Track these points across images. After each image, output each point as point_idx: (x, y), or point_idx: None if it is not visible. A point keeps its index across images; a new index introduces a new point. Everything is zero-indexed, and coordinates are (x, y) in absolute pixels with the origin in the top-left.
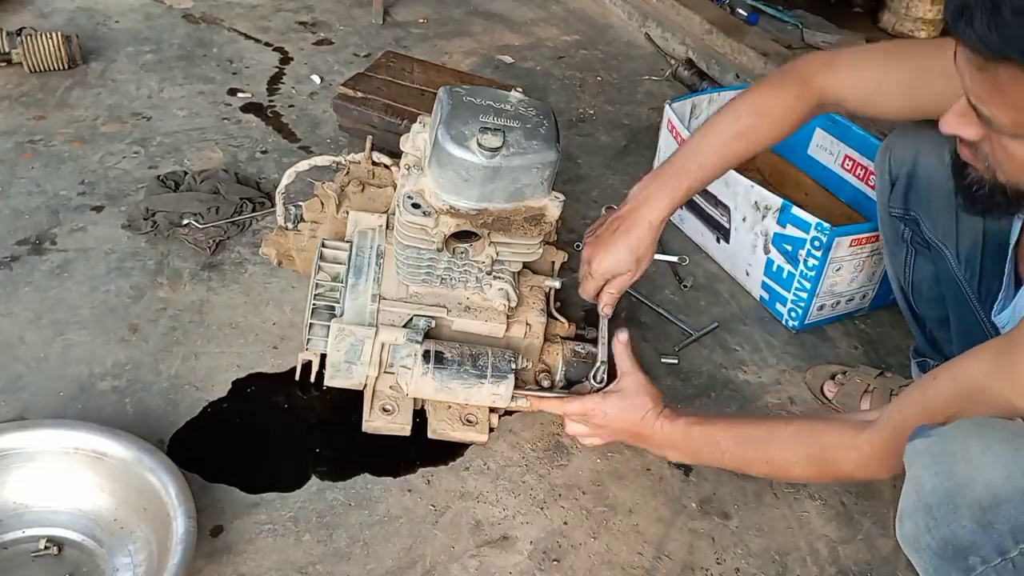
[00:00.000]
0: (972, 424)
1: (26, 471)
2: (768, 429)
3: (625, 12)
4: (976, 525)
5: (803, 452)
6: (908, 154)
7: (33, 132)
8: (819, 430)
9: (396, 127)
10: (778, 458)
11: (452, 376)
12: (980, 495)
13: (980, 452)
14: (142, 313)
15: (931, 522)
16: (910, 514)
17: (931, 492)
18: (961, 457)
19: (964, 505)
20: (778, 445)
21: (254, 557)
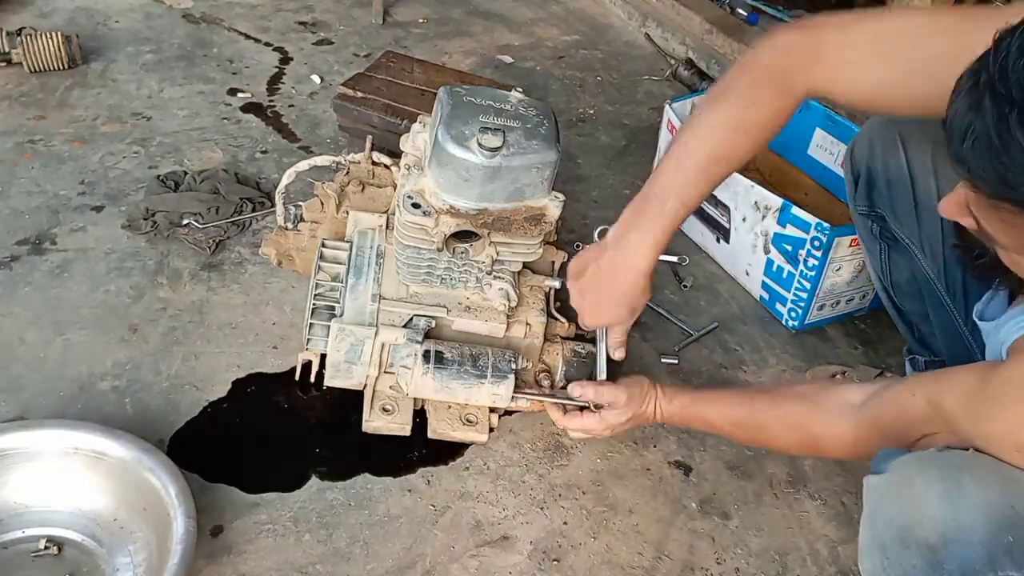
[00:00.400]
0: (916, 461)
1: (26, 471)
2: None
3: (625, 12)
4: (927, 565)
5: (796, 439)
6: (865, 151)
7: (33, 132)
8: (809, 422)
9: (396, 127)
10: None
11: (452, 376)
12: (928, 535)
13: (925, 489)
14: (142, 313)
15: (885, 561)
16: (867, 551)
17: (884, 530)
18: (908, 495)
19: (914, 545)
20: (773, 432)
21: (254, 557)
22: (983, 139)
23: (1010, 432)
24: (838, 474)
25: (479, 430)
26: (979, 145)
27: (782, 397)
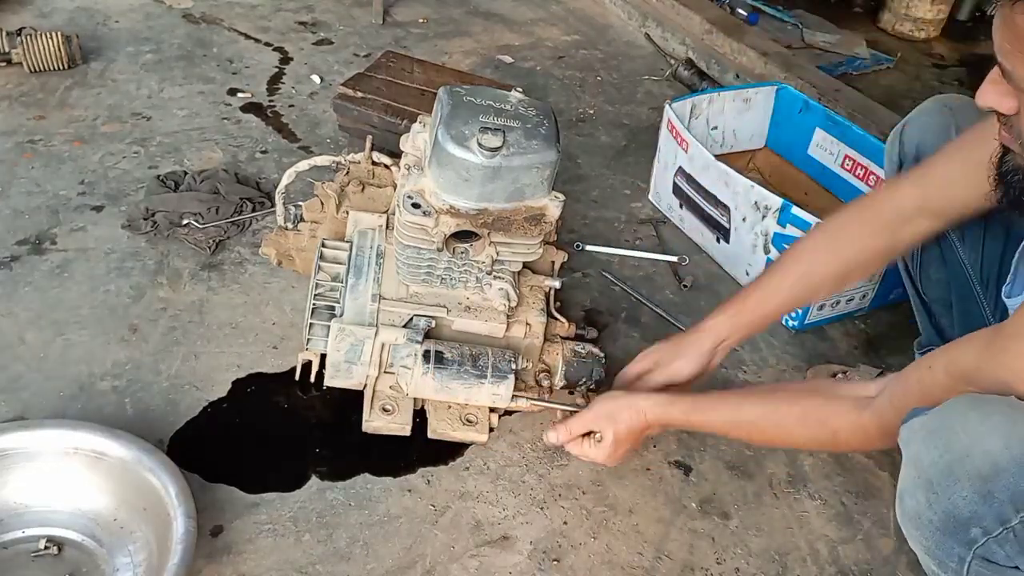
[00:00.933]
0: (968, 398)
1: (26, 471)
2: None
3: (625, 12)
4: (976, 495)
5: (810, 435)
6: (917, 136)
7: (33, 132)
8: (826, 414)
9: (396, 127)
10: (785, 437)
11: (452, 376)
12: (979, 465)
13: (978, 423)
14: (142, 313)
15: (932, 496)
16: (910, 491)
17: (930, 466)
18: (960, 429)
19: (964, 476)
20: (785, 431)
21: (254, 557)
22: None
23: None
24: (838, 474)
25: (479, 430)
26: None
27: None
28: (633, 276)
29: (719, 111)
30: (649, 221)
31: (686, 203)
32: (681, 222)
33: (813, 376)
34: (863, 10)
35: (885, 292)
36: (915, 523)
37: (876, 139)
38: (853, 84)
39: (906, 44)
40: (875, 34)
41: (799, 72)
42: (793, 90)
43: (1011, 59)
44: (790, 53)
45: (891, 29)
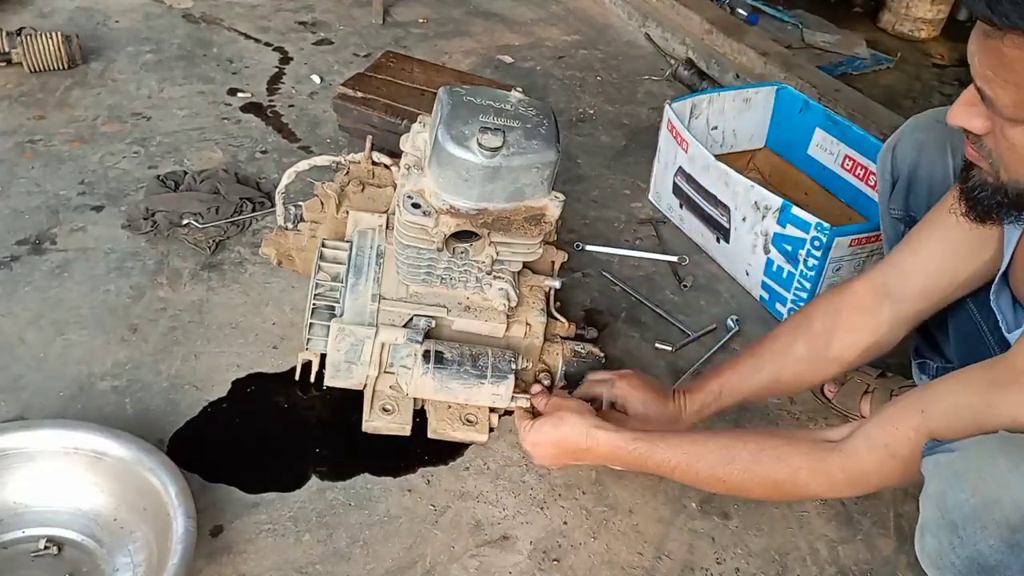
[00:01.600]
0: (998, 440)
1: (26, 471)
2: (726, 447)
3: (625, 12)
4: (1004, 545)
5: (767, 475)
6: (911, 155)
7: (33, 132)
8: (785, 452)
9: (396, 127)
10: (738, 479)
11: (452, 376)
12: (1008, 513)
13: (1008, 469)
14: (142, 313)
15: (956, 540)
16: (933, 531)
17: (955, 509)
18: (988, 474)
19: (991, 523)
20: (739, 466)
21: (254, 557)
22: None
23: None
24: None
25: (479, 430)
26: None
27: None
28: (633, 276)
29: (719, 111)
30: (649, 221)
31: (686, 203)
32: (681, 222)
33: None
34: (863, 10)
35: None
36: (935, 564)
37: (876, 139)
38: (853, 84)
39: (906, 44)
40: (875, 34)
41: (799, 72)
42: (793, 90)
43: (993, 87)
44: (790, 53)
45: (891, 29)
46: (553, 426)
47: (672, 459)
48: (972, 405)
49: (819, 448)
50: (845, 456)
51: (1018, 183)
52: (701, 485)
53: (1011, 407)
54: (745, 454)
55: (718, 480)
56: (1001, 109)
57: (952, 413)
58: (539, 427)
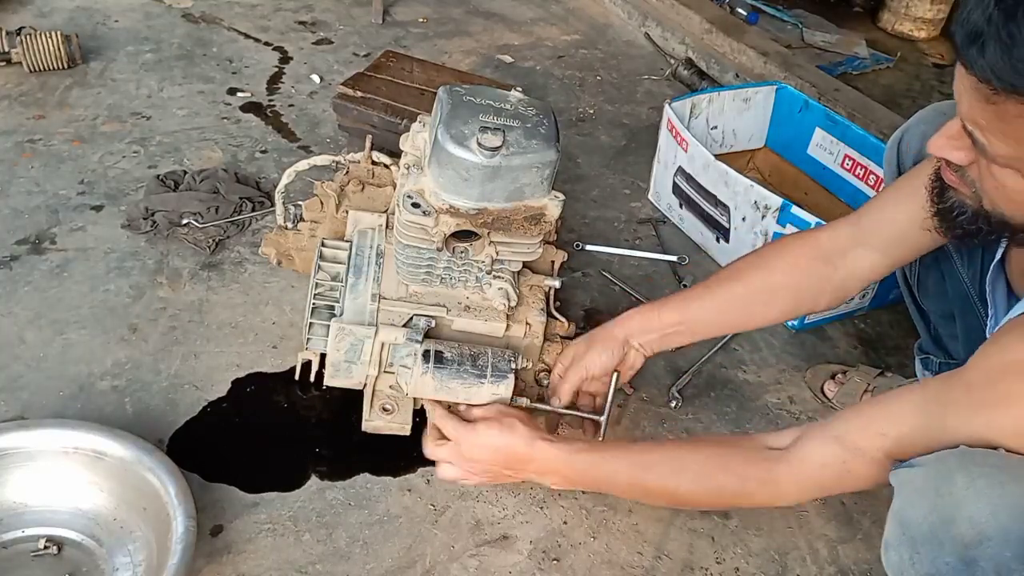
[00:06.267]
0: (958, 456)
1: (26, 471)
2: (672, 457)
3: (625, 12)
4: (960, 562)
5: (714, 485)
6: (916, 146)
7: (33, 132)
8: (731, 462)
9: (396, 127)
10: (685, 489)
11: (452, 376)
12: (964, 532)
13: (965, 487)
14: (142, 313)
15: (915, 556)
16: (895, 546)
17: (915, 526)
18: (946, 491)
19: (948, 541)
20: (687, 476)
21: (254, 557)
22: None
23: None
24: None
25: None
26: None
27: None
28: (633, 276)
29: (719, 111)
30: (649, 221)
31: (686, 203)
32: (681, 222)
33: (812, 376)
34: (863, 10)
35: (885, 292)
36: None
37: (876, 139)
38: (853, 84)
39: (906, 44)
40: (875, 34)
41: (799, 72)
42: (793, 90)
43: (986, 135)
44: (790, 53)
45: (891, 29)
46: (500, 431)
47: (618, 470)
48: (929, 424)
49: (766, 458)
50: (794, 467)
51: (1002, 214)
52: (648, 497)
53: (964, 425)
54: (693, 464)
55: (667, 491)
56: (993, 157)
57: (910, 433)
58: (481, 431)
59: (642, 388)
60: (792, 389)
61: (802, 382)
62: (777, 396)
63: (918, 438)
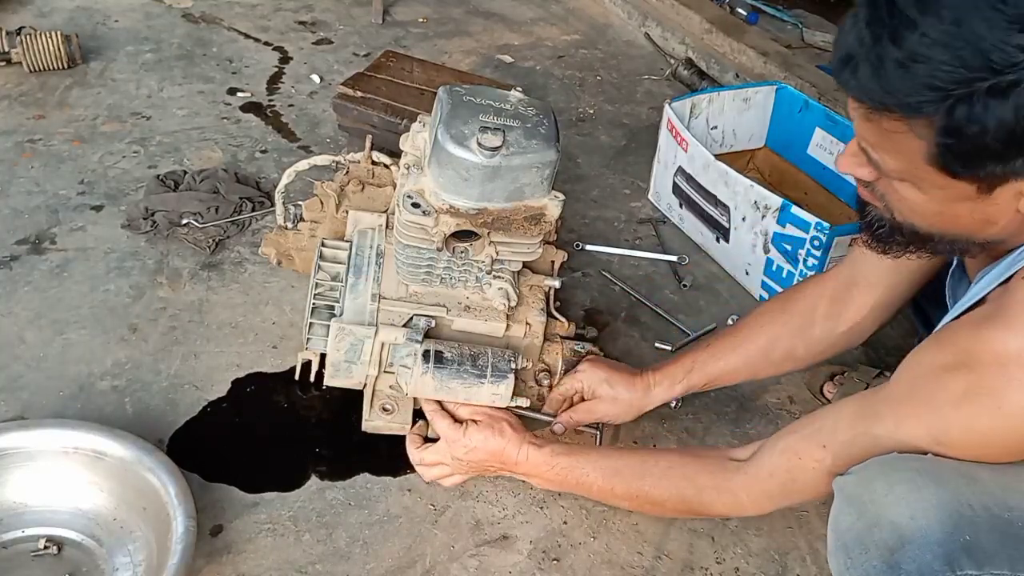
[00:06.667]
0: (879, 464)
1: (26, 471)
2: (640, 463)
3: (625, 12)
4: (886, 566)
5: (675, 491)
6: None
7: (33, 131)
8: (693, 470)
9: (396, 127)
10: (649, 494)
11: (452, 376)
12: (886, 536)
13: (884, 493)
14: (142, 313)
15: (848, 561)
16: (833, 552)
17: (846, 532)
18: (869, 497)
19: (873, 546)
20: (650, 481)
21: (254, 556)
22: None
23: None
24: None
25: None
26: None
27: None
28: (633, 276)
29: (719, 111)
30: (649, 221)
31: (686, 203)
32: (681, 222)
33: (811, 377)
34: None
35: None
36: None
37: None
38: None
39: None
40: None
41: (799, 71)
42: (793, 89)
43: (877, 151)
44: (790, 53)
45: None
46: (494, 434)
47: (591, 473)
48: (862, 434)
49: (725, 468)
50: (748, 478)
51: (913, 225)
52: (617, 501)
53: (892, 433)
54: (656, 470)
55: (632, 495)
56: (888, 172)
57: (847, 443)
58: (472, 433)
59: None
60: (792, 389)
61: (802, 383)
62: (777, 396)
63: (855, 449)
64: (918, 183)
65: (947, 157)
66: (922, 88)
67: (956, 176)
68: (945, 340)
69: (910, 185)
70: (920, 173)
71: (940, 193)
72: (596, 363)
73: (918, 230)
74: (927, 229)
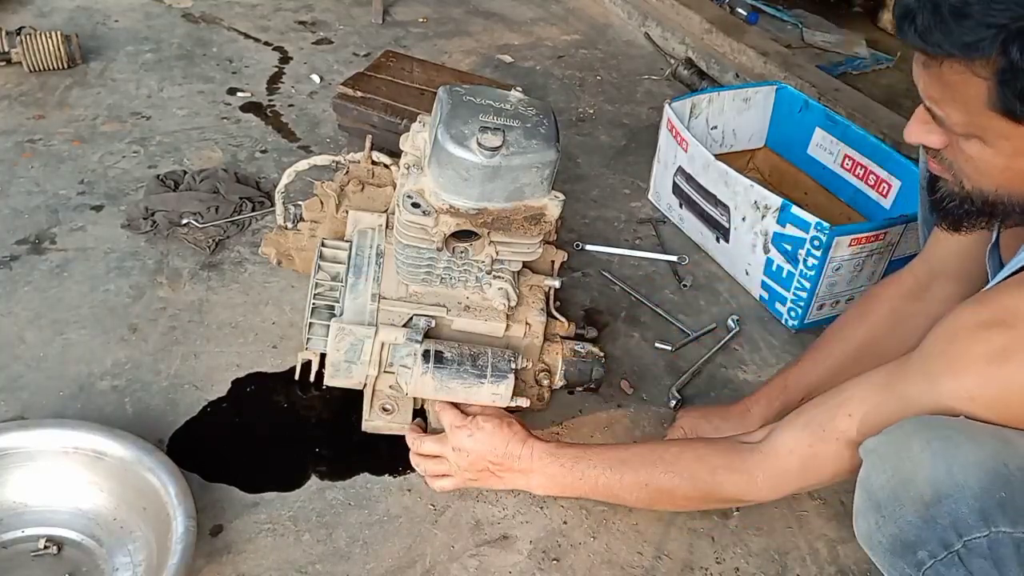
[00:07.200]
0: (914, 423)
1: (26, 470)
2: (649, 451)
3: (625, 11)
4: (920, 520)
5: (687, 475)
6: None
7: (33, 131)
8: (705, 452)
9: (396, 127)
10: (661, 481)
11: (452, 376)
12: (922, 491)
13: (920, 449)
14: (142, 313)
15: (880, 519)
16: (863, 512)
17: (879, 490)
18: (905, 455)
19: (908, 501)
20: (661, 467)
21: (254, 556)
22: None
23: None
24: None
25: None
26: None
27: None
28: (633, 276)
29: (719, 111)
30: (649, 221)
31: (686, 203)
32: (681, 222)
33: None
34: (863, 10)
35: None
36: (868, 544)
37: (876, 139)
38: (853, 84)
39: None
40: (875, 33)
41: (799, 72)
42: (793, 90)
43: (942, 107)
44: (790, 53)
45: (891, 28)
46: (502, 425)
47: (597, 465)
48: (891, 400)
49: (739, 449)
50: (765, 457)
51: (982, 191)
52: (624, 493)
53: (923, 396)
54: (668, 456)
55: (641, 483)
56: (952, 127)
57: (874, 411)
58: (483, 421)
59: (642, 388)
60: None
61: None
62: None
63: (882, 415)
64: (984, 135)
65: (1007, 98)
66: (977, 27)
67: (1018, 120)
68: (985, 299)
69: (976, 141)
70: (984, 122)
71: (1006, 145)
72: (689, 409)
73: (987, 196)
74: (995, 193)
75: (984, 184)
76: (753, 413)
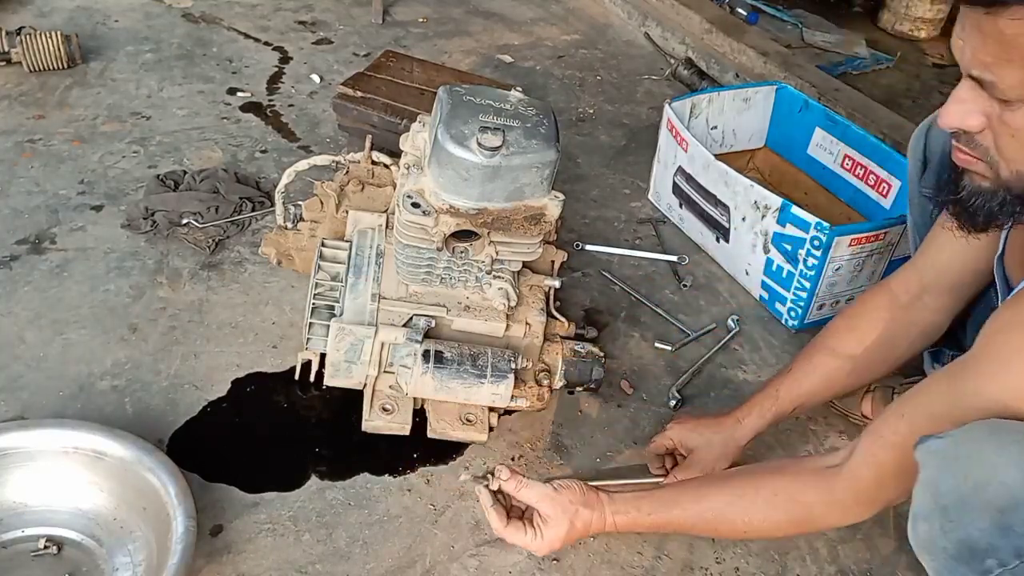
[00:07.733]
0: (986, 426)
1: (26, 470)
2: (739, 498)
3: (625, 11)
4: (994, 527)
5: (784, 517)
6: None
7: (33, 131)
8: (796, 490)
9: (396, 127)
10: (758, 524)
11: (452, 376)
12: (997, 497)
13: (995, 453)
14: (142, 313)
15: (947, 524)
16: (925, 516)
17: (947, 494)
18: (977, 459)
19: (981, 507)
20: (758, 514)
21: (254, 556)
22: None
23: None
24: None
25: (478, 429)
26: None
27: (760, 475)
28: (633, 276)
29: (719, 111)
30: (649, 221)
31: (686, 203)
32: (681, 222)
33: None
34: (863, 10)
35: None
36: (927, 549)
37: (876, 139)
38: (853, 84)
39: (906, 43)
40: (875, 33)
41: (799, 72)
42: (793, 90)
43: (994, 69)
44: (790, 53)
45: (891, 28)
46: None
47: (688, 520)
48: (944, 403)
49: (825, 478)
50: (848, 479)
51: (1020, 175)
52: (722, 538)
53: (978, 394)
54: (760, 501)
55: (739, 532)
56: (1005, 91)
57: (929, 414)
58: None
59: (642, 388)
60: None
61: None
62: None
63: (935, 416)
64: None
65: None
66: None
67: None
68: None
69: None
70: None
71: None
72: (680, 418)
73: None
74: None
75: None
76: (745, 425)
